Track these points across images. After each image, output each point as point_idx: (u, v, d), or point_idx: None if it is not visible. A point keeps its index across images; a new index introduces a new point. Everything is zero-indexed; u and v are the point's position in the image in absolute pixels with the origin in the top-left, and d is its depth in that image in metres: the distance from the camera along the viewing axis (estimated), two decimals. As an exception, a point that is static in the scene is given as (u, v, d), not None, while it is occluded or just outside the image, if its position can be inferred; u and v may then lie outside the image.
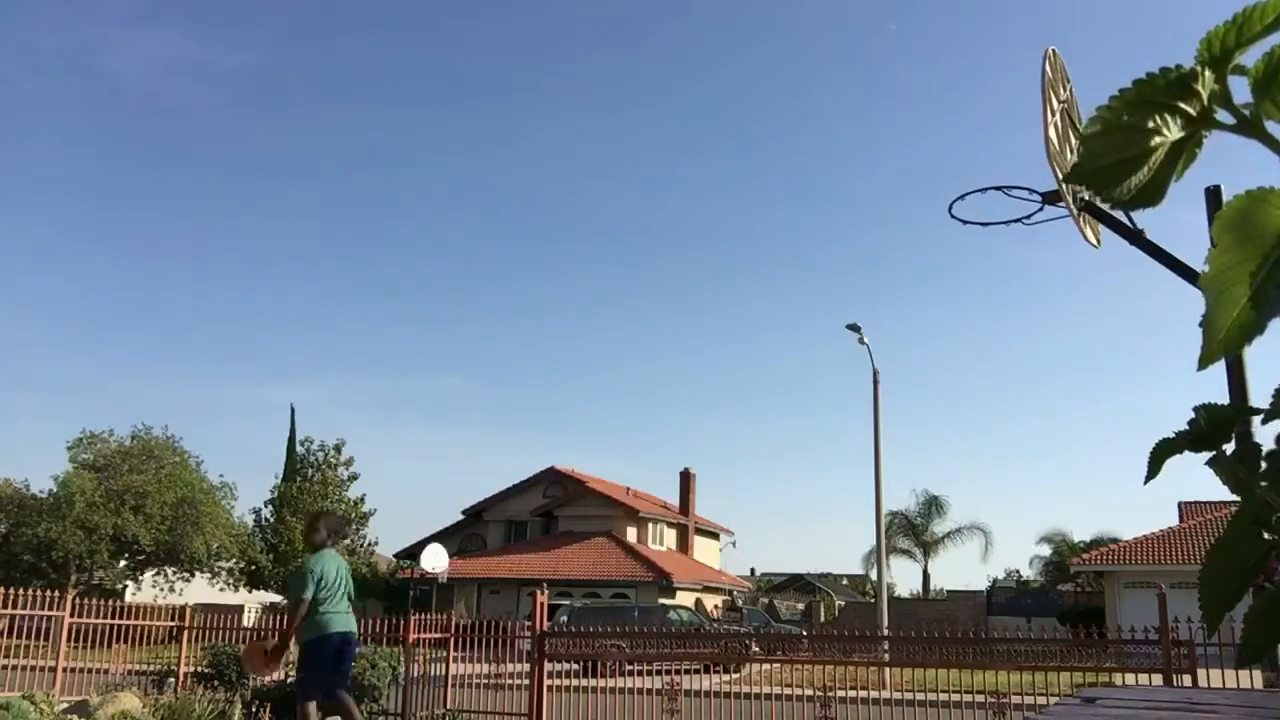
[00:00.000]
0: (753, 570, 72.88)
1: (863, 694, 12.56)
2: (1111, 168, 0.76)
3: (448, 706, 13.54)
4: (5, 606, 13.31)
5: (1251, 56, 0.74)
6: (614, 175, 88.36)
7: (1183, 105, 0.75)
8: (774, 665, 15.94)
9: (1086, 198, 7.99)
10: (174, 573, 41.24)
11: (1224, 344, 0.76)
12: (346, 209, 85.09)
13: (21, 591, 13.68)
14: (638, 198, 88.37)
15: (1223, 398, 0.94)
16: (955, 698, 12.06)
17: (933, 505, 52.82)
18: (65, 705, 12.22)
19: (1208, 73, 0.74)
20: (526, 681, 13.01)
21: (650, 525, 47.20)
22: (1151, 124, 0.75)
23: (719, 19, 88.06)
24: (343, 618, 8.93)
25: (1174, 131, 0.75)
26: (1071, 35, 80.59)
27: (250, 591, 43.39)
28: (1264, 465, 0.84)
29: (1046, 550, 53.43)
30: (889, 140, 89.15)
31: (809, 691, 12.44)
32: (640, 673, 13.15)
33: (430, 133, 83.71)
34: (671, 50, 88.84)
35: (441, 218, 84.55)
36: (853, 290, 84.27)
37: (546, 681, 12.75)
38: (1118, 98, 0.76)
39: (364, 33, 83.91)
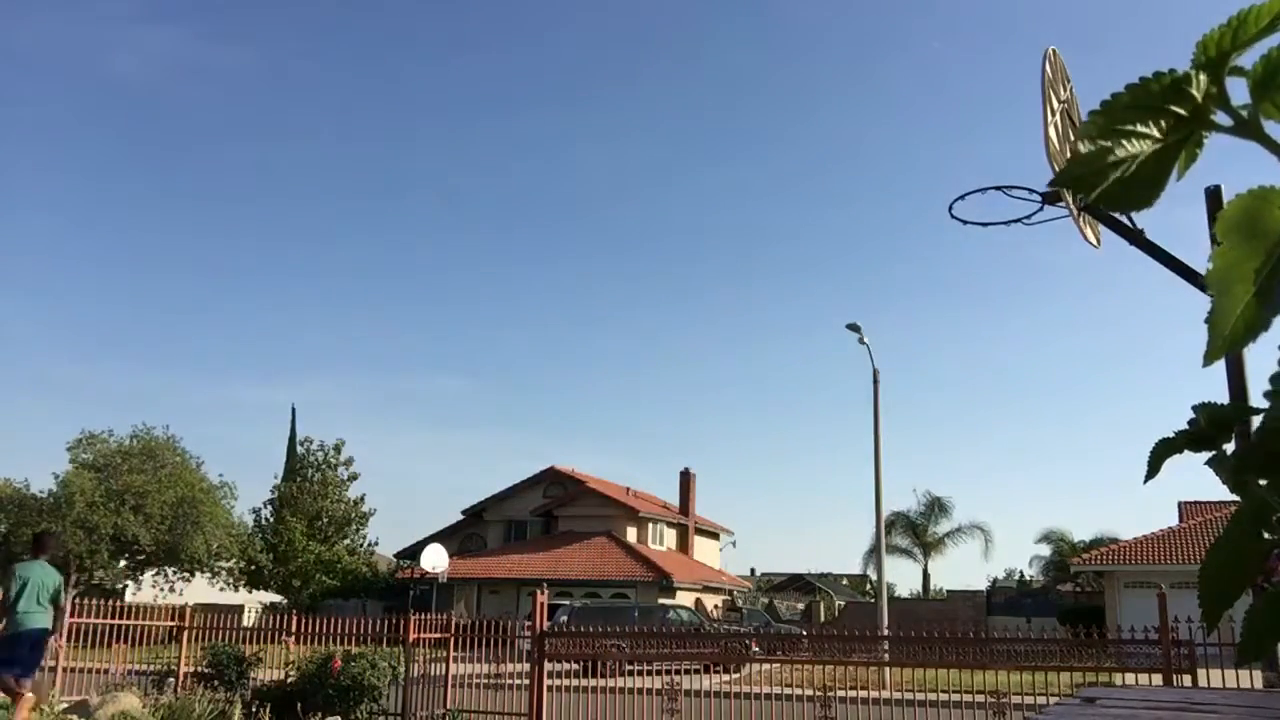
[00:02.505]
0: (753, 570, 72.93)
1: (863, 694, 12.56)
2: (1101, 171, 0.77)
3: (448, 706, 13.55)
4: (5, 606, 13.30)
5: (1250, 58, 0.74)
6: (614, 177, 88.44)
7: (1178, 109, 0.75)
8: (774, 665, 15.94)
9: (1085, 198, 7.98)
10: (174, 573, 41.24)
11: (1229, 340, 0.77)
12: (346, 209, 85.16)
13: (21, 591, 13.66)
14: (639, 200, 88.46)
15: (1223, 398, 0.94)
16: (955, 698, 12.07)
17: (933, 505, 52.85)
18: (65, 705, 12.22)
19: (1203, 76, 0.74)
20: (526, 681, 13.02)
21: (650, 525, 47.22)
22: (1146, 128, 0.75)
23: (721, 22, 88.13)
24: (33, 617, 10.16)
25: (1170, 135, 0.76)
26: (1072, 36, 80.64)
27: (250, 591, 43.41)
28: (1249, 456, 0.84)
29: (1046, 550, 53.46)
30: (889, 140, 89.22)
31: (809, 691, 12.45)
32: (640, 673, 13.15)
33: (431, 134, 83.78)
34: (672, 55, 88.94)
35: (442, 218, 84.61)
36: (853, 290, 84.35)
37: (546, 681, 12.76)
38: (1111, 103, 0.76)
39: (364, 33, 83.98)
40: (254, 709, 12.60)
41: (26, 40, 70.00)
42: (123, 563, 40.05)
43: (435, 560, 38.20)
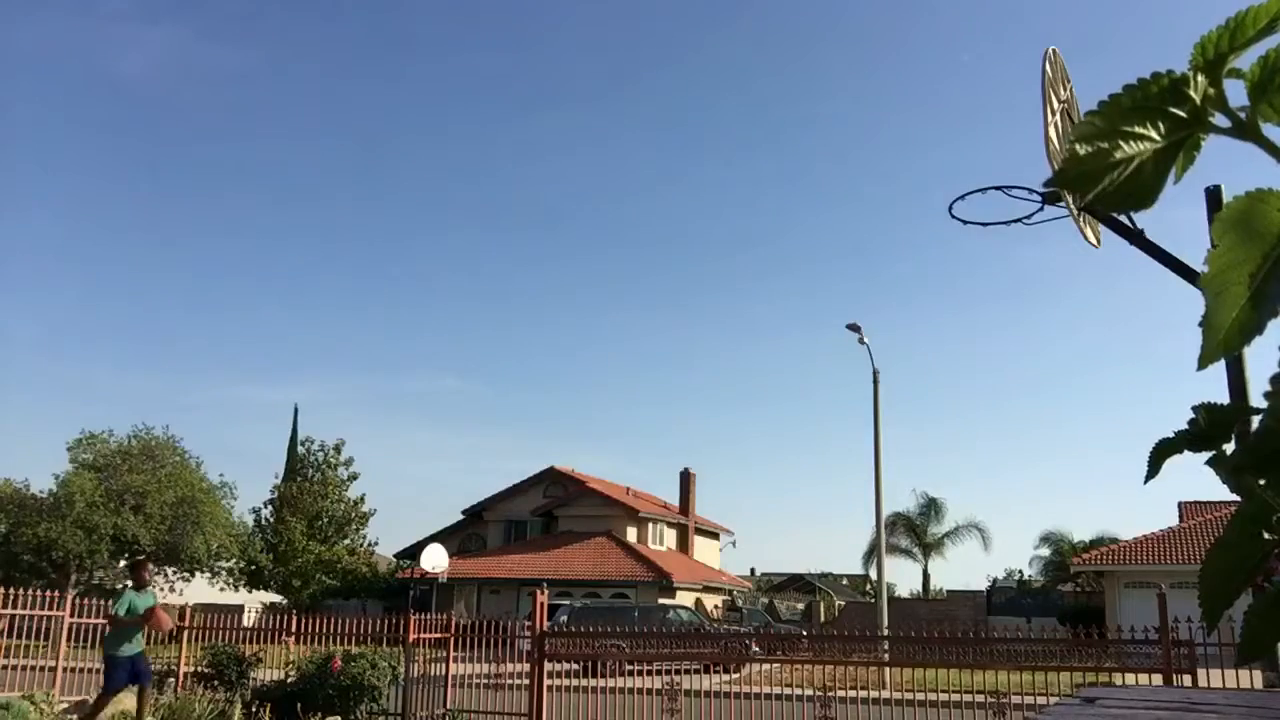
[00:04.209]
0: (753, 570, 72.93)
1: (863, 694, 12.56)
2: (1099, 173, 0.77)
3: (448, 706, 13.54)
4: (5, 606, 13.32)
5: (1248, 60, 0.74)
6: (614, 177, 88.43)
7: (1176, 110, 0.75)
8: (774, 665, 15.95)
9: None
10: (174, 573, 41.24)
11: (1223, 344, 0.76)
12: (346, 209, 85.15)
13: (21, 591, 13.69)
14: (638, 200, 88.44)
15: (1223, 397, 0.95)
16: (955, 698, 12.07)
17: (932, 505, 52.84)
18: (65, 705, 12.23)
19: (1201, 77, 0.74)
20: (526, 681, 13.02)
21: (650, 525, 47.21)
22: (1144, 129, 0.75)
23: (721, 22, 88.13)
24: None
25: (1167, 136, 0.76)
26: (1072, 36, 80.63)
27: (250, 591, 43.38)
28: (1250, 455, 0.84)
29: (1046, 550, 53.43)
30: (889, 140, 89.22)
31: (809, 691, 12.45)
32: (640, 673, 13.15)
33: (432, 134, 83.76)
34: (670, 55, 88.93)
35: (442, 219, 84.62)
36: (853, 290, 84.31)
37: (546, 681, 12.76)
38: (1109, 104, 0.76)
39: (364, 33, 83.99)
40: (254, 709, 12.60)
41: (26, 40, 70.01)
42: (123, 563, 40.04)
43: (435, 560, 38.19)
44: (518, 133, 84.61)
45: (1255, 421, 0.84)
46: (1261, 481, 0.84)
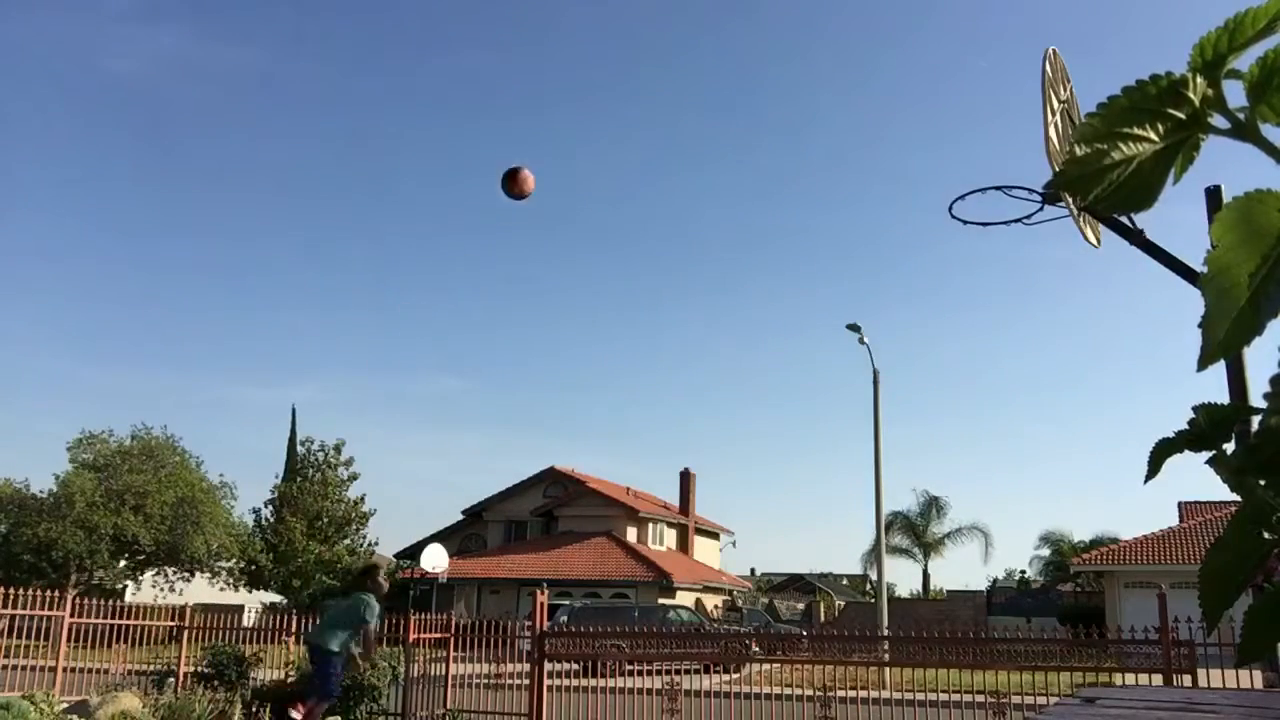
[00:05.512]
0: (753, 570, 72.96)
1: (863, 694, 12.56)
2: (1099, 174, 0.77)
3: (448, 706, 13.54)
4: (5, 606, 13.31)
5: (1247, 61, 0.74)
6: (614, 177, 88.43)
7: (1175, 111, 0.75)
8: (774, 665, 15.94)
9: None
10: (174, 573, 41.24)
11: (1223, 345, 0.76)
12: (346, 209, 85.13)
13: (21, 591, 13.68)
14: (638, 200, 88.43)
15: (1223, 397, 0.95)
16: (955, 698, 12.07)
17: (933, 505, 52.83)
18: (65, 705, 12.22)
19: (1200, 78, 0.74)
20: (526, 681, 13.01)
21: (650, 525, 47.20)
22: (1143, 130, 0.75)
23: (721, 22, 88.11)
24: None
25: (1166, 137, 0.76)
26: (1072, 37, 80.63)
27: (250, 591, 43.37)
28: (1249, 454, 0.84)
29: (1047, 550, 53.46)
30: (889, 139, 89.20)
31: (809, 691, 12.44)
32: (640, 673, 13.15)
33: (433, 134, 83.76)
34: (670, 55, 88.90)
35: (443, 218, 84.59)
36: (853, 290, 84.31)
37: (546, 681, 12.75)
38: (1108, 105, 0.76)
39: (364, 32, 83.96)
40: (254, 709, 12.59)
41: (26, 40, 70.00)
42: (123, 563, 40.06)
43: (435, 560, 38.18)
44: (519, 132, 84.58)
45: (1255, 421, 0.84)
46: (1261, 481, 0.84)
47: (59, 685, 13.38)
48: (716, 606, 44.83)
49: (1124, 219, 8.27)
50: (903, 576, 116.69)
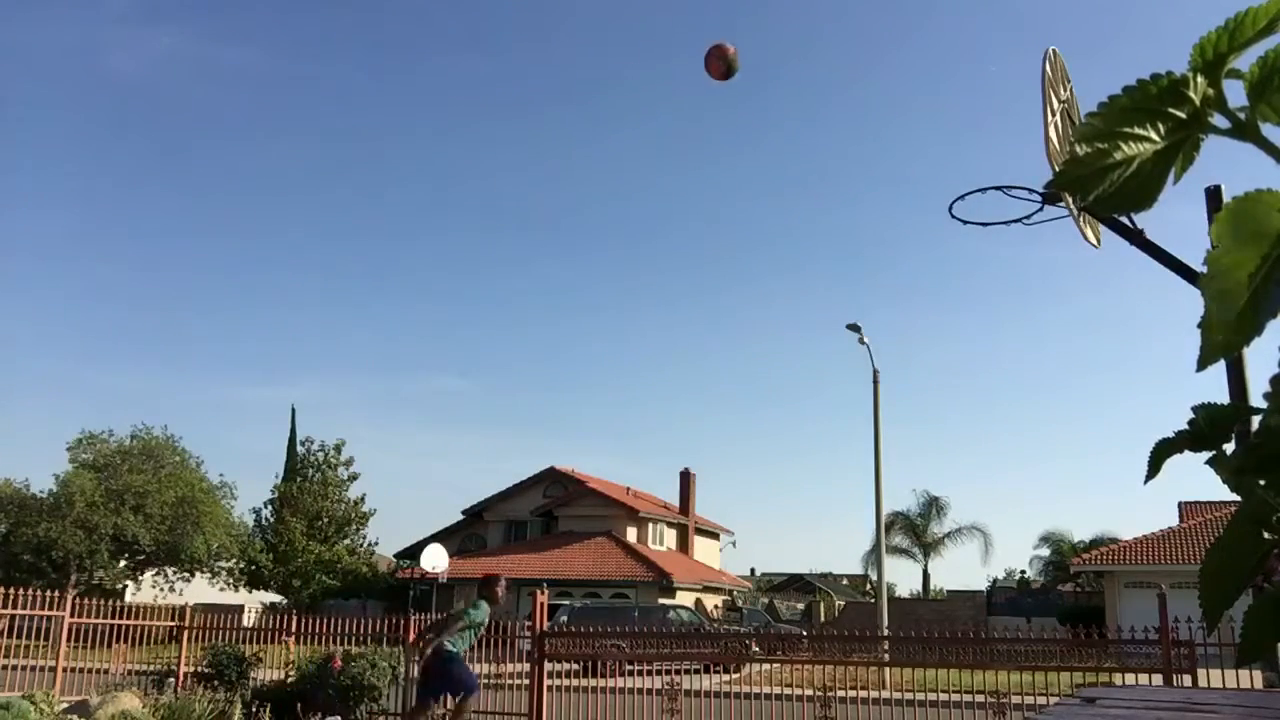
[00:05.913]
0: (753, 570, 72.95)
1: (863, 694, 12.56)
2: (1099, 174, 0.76)
3: (448, 706, 13.53)
4: (5, 606, 13.32)
5: (1247, 61, 0.74)
6: (614, 177, 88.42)
7: (1175, 111, 0.75)
8: (774, 665, 15.95)
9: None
10: (174, 573, 41.23)
11: (1223, 345, 0.76)
12: (346, 208, 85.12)
13: (21, 591, 13.69)
14: (638, 200, 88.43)
15: (1223, 397, 0.95)
16: (955, 698, 12.07)
17: (933, 505, 52.83)
18: (65, 705, 12.22)
19: (1201, 78, 0.74)
20: (526, 681, 13.01)
21: (650, 525, 47.19)
22: (1144, 130, 0.75)
23: (721, 22, 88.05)
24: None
25: (1167, 137, 0.76)
26: (1072, 37, 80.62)
27: (250, 591, 43.38)
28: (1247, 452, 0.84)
29: (1047, 550, 53.43)
30: (889, 140, 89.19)
31: (809, 691, 12.45)
32: (640, 673, 13.15)
33: (433, 134, 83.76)
34: (669, 55, 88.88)
35: (443, 218, 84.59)
36: (853, 290, 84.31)
37: (546, 681, 12.75)
38: (1108, 105, 0.76)
39: (364, 32, 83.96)
40: (254, 709, 12.60)
41: (27, 40, 70.00)
42: (123, 563, 40.04)
43: (435, 560, 38.17)
44: (518, 133, 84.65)
45: (1255, 421, 0.84)
46: (1261, 481, 0.84)
47: (59, 685, 13.38)
48: (716, 606, 44.83)
49: (1124, 219, 8.27)
50: (903, 576, 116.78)
